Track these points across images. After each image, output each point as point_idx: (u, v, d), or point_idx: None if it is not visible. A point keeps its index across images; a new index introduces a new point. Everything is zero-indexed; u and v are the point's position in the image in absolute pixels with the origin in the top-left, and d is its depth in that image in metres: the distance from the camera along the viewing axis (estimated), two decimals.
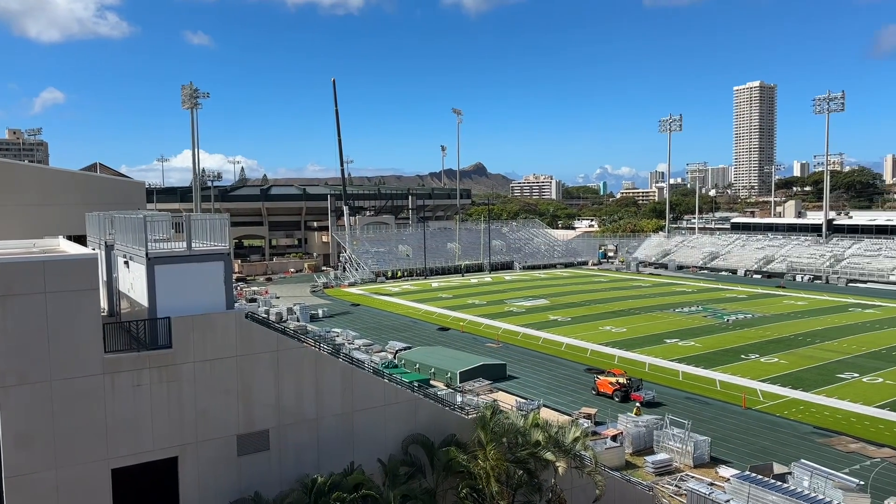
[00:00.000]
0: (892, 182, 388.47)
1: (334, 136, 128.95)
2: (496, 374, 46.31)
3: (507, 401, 38.24)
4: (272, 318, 63.64)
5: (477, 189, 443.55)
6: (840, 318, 67.72)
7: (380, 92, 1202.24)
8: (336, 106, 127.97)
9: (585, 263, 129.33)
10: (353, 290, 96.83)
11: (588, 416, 36.03)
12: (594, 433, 32.84)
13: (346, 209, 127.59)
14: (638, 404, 38.96)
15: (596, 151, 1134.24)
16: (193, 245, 19.32)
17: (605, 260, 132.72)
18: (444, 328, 66.06)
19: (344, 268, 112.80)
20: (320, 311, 74.58)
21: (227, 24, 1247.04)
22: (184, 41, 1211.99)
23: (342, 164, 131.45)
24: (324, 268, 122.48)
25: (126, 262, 20.59)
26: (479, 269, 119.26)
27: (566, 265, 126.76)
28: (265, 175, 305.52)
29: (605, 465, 26.78)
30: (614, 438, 32.37)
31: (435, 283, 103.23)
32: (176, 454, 18.62)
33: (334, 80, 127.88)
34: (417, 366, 47.35)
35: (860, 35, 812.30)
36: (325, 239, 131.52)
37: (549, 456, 22.12)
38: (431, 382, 43.33)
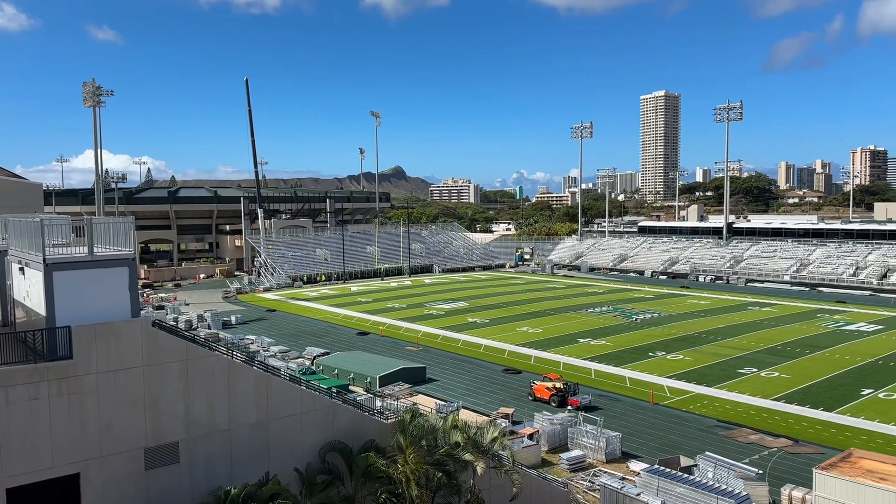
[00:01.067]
0: (785, 187, 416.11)
1: (247, 137, 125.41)
2: (416, 378, 46.33)
3: (426, 403, 38.33)
4: (181, 325, 61.31)
5: (396, 192, 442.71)
6: (740, 316, 71.81)
7: (296, 93, 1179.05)
8: (249, 106, 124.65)
9: (503, 266, 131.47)
10: (268, 295, 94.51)
11: (506, 416, 36.60)
12: (512, 432, 33.41)
13: (260, 212, 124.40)
14: (570, 408, 38.91)
15: (513, 156, 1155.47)
16: (95, 250, 18.34)
17: (522, 262, 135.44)
18: (364, 332, 65.54)
19: (258, 272, 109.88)
20: (233, 318, 72.33)
21: (135, 19, 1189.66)
22: (88, 36, 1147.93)
23: (256, 166, 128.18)
24: (237, 273, 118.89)
25: (21, 269, 19.31)
26: (398, 272, 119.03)
27: (484, 268, 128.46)
28: (173, 177, 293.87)
29: (522, 463, 27.27)
30: (531, 437, 33.03)
31: (354, 287, 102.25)
32: (78, 471, 17.60)
33: (247, 80, 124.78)
34: (336, 371, 46.75)
35: (757, 50, 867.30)
36: (238, 243, 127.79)
37: (468, 457, 22.32)
38: (350, 388, 42.86)
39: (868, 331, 62.40)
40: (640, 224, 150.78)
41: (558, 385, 41.32)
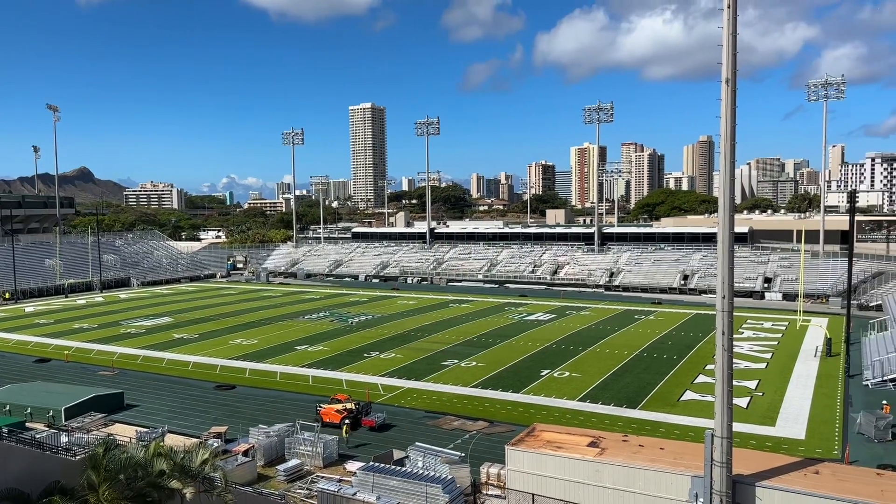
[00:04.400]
0: (477, 196, 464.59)
1: None
2: (112, 405, 41.55)
3: (126, 433, 34.79)
4: None
5: (82, 197, 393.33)
6: (442, 313, 78.07)
7: None
8: None
9: (213, 276, 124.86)
10: None
11: (218, 435, 34.72)
12: (225, 451, 31.79)
13: None
14: (347, 422, 36.53)
15: (222, 160, 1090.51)
16: None
17: (235, 271, 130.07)
18: (44, 359, 56.71)
19: None
20: None
21: None
22: None
23: None
24: None
25: None
26: (87, 288, 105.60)
27: (192, 279, 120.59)
28: None
29: (237, 482, 26.16)
30: (246, 453, 31.77)
31: (29, 307, 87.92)
32: None
33: None
34: (7, 407, 39.64)
35: (454, 71, 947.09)
36: None
37: (175, 484, 20.68)
38: (28, 425, 36.75)
39: (544, 319, 72.57)
40: (353, 230, 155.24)
41: (349, 406, 38.21)
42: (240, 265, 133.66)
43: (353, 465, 30.98)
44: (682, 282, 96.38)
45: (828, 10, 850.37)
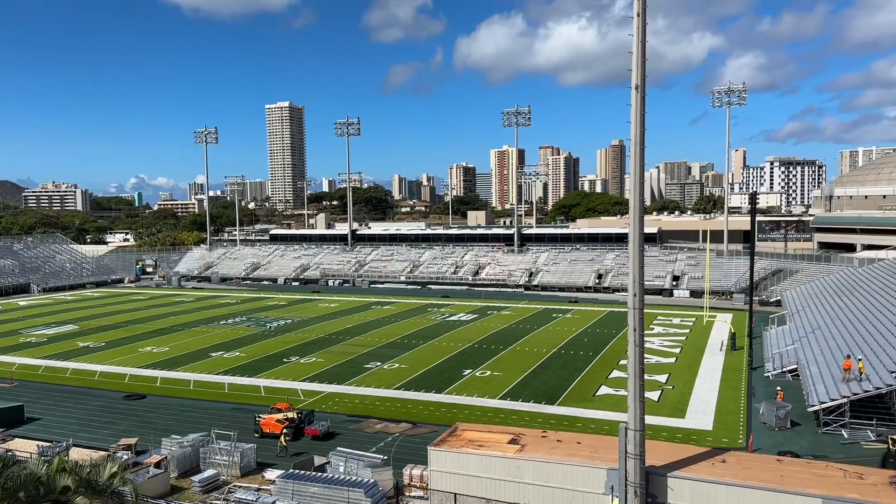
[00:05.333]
0: (399, 198, 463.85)
1: None
2: (11, 419, 38.98)
3: (27, 448, 32.73)
4: None
5: None
6: (365, 315, 77.48)
7: None
8: None
9: (121, 281, 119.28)
10: None
11: (128, 447, 33.13)
12: (136, 464, 30.36)
13: None
14: (284, 432, 35.08)
15: (130, 159, 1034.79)
16: None
17: (145, 276, 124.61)
18: None
19: None
20: None
21: None
22: None
23: None
24: None
25: None
26: None
27: (98, 284, 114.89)
28: None
29: (149, 495, 25.08)
30: (158, 465, 30.45)
31: None
32: None
33: None
34: None
35: (375, 72, 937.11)
36: None
37: (80, 501, 19.65)
38: None
39: (466, 320, 73.27)
40: (271, 232, 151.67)
41: (290, 415, 36.54)
42: (150, 269, 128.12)
43: (271, 474, 30.25)
44: (597, 280, 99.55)
45: (731, 20, 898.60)
